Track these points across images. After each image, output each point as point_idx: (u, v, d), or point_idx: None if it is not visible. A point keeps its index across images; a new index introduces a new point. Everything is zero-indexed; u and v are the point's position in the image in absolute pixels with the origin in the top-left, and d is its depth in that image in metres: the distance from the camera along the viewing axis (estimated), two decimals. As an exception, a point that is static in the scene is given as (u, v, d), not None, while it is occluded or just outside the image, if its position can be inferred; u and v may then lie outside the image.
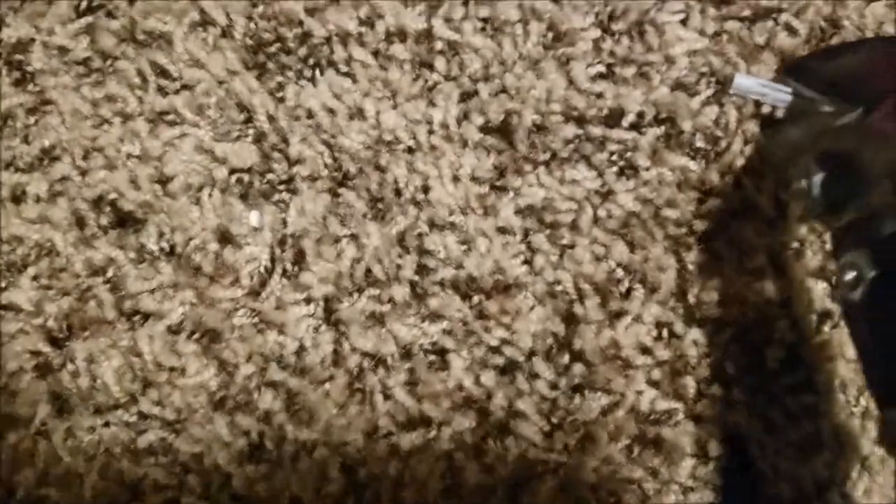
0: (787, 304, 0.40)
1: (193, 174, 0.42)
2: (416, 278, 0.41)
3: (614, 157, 0.42)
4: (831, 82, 0.40)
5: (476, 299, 0.41)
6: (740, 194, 0.41)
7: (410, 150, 0.42)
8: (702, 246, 0.41)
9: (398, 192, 0.42)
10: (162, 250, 0.41)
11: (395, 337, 0.40)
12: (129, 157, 0.42)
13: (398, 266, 0.41)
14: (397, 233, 0.41)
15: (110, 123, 0.42)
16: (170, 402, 0.39)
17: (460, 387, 0.40)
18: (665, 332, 0.40)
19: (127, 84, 0.43)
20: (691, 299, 0.40)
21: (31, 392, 0.40)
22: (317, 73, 0.43)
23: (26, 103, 0.42)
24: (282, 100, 0.43)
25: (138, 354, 0.39)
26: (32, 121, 0.42)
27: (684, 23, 0.44)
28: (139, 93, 0.43)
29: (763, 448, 0.39)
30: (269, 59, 0.43)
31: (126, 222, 0.41)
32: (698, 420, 0.40)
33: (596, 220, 0.41)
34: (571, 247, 0.41)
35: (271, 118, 0.42)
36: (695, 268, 0.41)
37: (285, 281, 0.41)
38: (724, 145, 0.42)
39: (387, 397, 0.40)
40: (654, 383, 0.40)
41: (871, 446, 0.40)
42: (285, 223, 0.41)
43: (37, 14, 0.43)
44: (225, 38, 0.43)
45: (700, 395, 0.40)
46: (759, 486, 0.39)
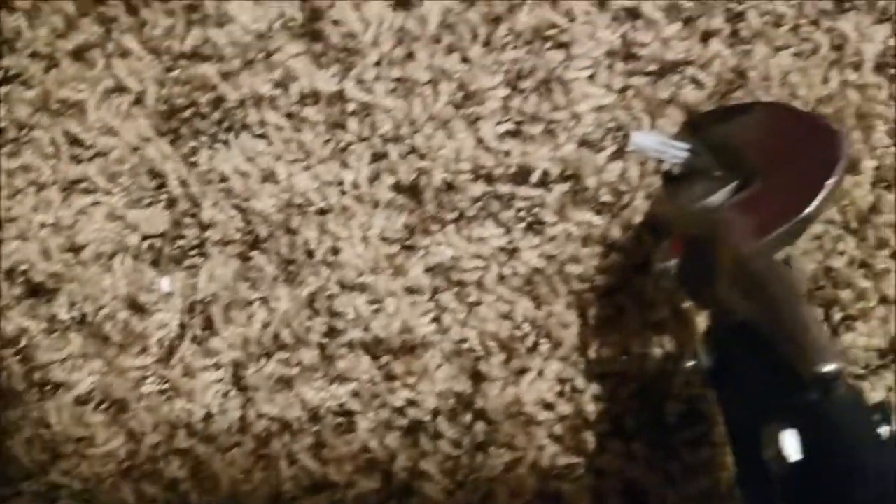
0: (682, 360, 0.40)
1: (106, 242, 0.42)
2: (325, 341, 0.41)
3: (521, 214, 0.42)
4: (720, 146, 0.40)
5: (384, 360, 0.41)
6: (642, 249, 0.41)
7: (322, 211, 0.43)
8: (605, 301, 0.41)
9: (310, 254, 0.42)
10: (73, 319, 0.41)
11: (302, 400, 0.40)
12: (42, 226, 0.42)
13: (307, 329, 0.41)
14: (308, 295, 0.42)
15: (24, 193, 0.43)
16: (78, 472, 0.39)
17: (366, 449, 0.40)
18: (567, 388, 0.40)
19: (41, 153, 0.43)
20: (592, 354, 0.40)
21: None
22: (231, 136, 0.44)
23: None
24: (195, 164, 0.43)
25: (47, 426, 0.40)
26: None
27: (592, 78, 0.44)
28: (52, 161, 0.43)
29: (663, 501, 0.39)
30: (182, 125, 0.44)
31: (38, 292, 0.41)
32: (599, 474, 0.40)
33: (501, 277, 0.42)
34: (478, 304, 0.41)
35: (184, 183, 0.43)
36: (597, 323, 0.41)
37: (195, 347, 0.41)
38: (627, 200, 0.42)
39: (292, 462, 0.40)
40: (555, 438, 0.40)
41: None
42: (196, 288, 0.42)
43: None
44: (138, 105, 0.44)
45: (601, 450, 0.40)
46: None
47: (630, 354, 0.41)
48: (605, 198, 0.42)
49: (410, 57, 0.44)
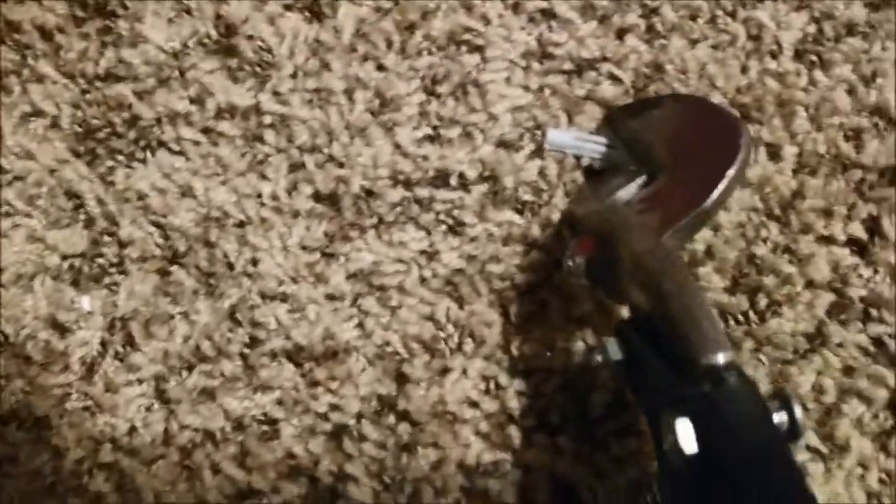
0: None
1: (26, 264, 0.52)
2: (247, 351, 0.50)
3: (441, 217, 0.52)
4: (633, 140, 0.50)
5: (307, 367, 0.50)
6: (562, 245, 0.50)
7: (241, 223, 0.52)
8: (527, 298, 0.50)
9: (230, 266, 0.51)
10: (-6, 342, 0.50)
11: (225, 411, 0.49)
12: (-39, 252, 0.52)
13: (229, 340, 0.50)
14: (229, 306, 0.51)
15: (-58, 221, 0.52)
16: (5, 493, 0.48)
17: (290, 455, 0.49)
18: (492, 385, 0.49)
19: (-42, 180, 0.53)
20: (515, 351, 0.50)
21: None
22: (147, 154, 0.53)
23: None
24: (112, 184, 0.53)
25: (-30, 446, 0.49)
26: None
27: (508, 80, 0.54)
28: (-30, 187, 0.53)
29: (595, 494, 0.48)
30: (98, 145, 0.53)
31: (-41, 316, 0.51)
32: (526, 469, 0.48)
33: (423, 279, 0.51)
34: (400, 307, 0.51)
35: (101, 202, 0.52)
36: (520, 320, 0.50)
37: (117, 363, 0.50)
38: (547, 198, 0.52)
39: (216, 472, 0.48)
40: (481, 435, 0.49)
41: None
42: (116, 305, 0.51)
43: None
44: (54, 129, 0.54)
45: (527, 445, 0.49)
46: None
47: (554, 349, 0.50)
48: (524, 197, 0.52)
49: (326, 67, 0.54)
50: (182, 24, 0.54)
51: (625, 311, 0.49)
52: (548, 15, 0.55)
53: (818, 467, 0.47)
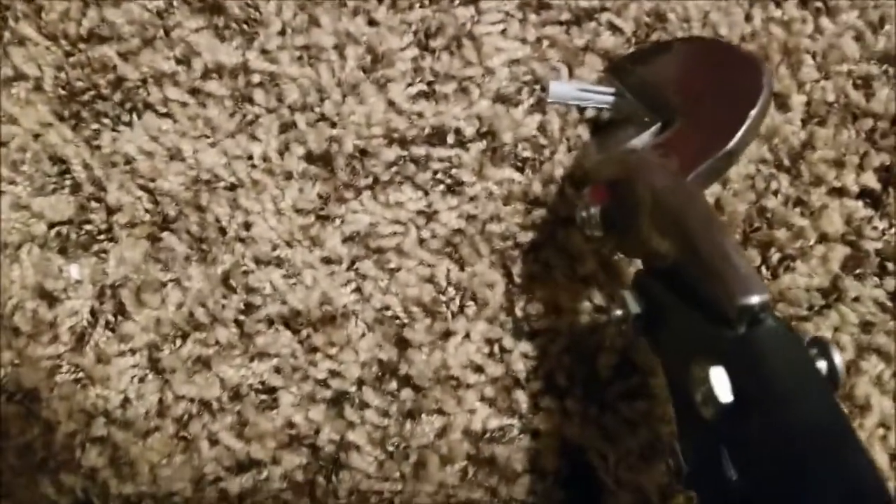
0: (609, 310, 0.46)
1: (12, 232, 0.49)
2: (241, 318, 0.48)
3: (439, 176, 0.49)
4: (643, 87, 0.48)
5: (304, 333, 0.48)
6: (565, 202, 0.48)
7: (232, 186, 0.50)
8: (530, 257, 0.48)
9: (222, 231, 0.49)
10: (-19, 312, 0.48)
11: (221, 380, 0.47)
12: (-55, 221, 0.49)
13: (223, 307, 0.48)
14: (222, 272, 0.48)
15: (-75, 189, 0.50)
16: (-6, 467, 0.46)
17: (290, 424, 0.46)
18: (496, 348, 0.47)
19: (-61, 147, 0.50)
20: (519, 313, 0.47)
21: None
22: (134, 117, 0.51)
23: None
24: (98, 148, 0.50)
25: (-41, 421, 0.46)
26: None
27: (504, 32, 0.52)
28: (-48, 155, 0.50)
29: (605, 458, 0.46)
30: (83, 108, 0.51)
31: (-56, 288, 0.49)
32: (534, 435, 0.46)
33: (421, 241, 0.49)
34: (399, 270, 0.48)
35: (87, 167, 0.50)
36: (523, 280, 0.48)
37: (108, 333, 0.48)
38: (548, 154, 0.49)
39: (213, 443, 0.46)
40: (486, 400, 0.47)
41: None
42: (106, 273, 0.49)
43: None
44: (37, 92, 0.51)
45: (534, 409, 0.47)
46: (600, 497, 0.45)
47: (559, 310, 0.48)
48: (524, 153, 0.50)
49: (315, 23, 0.51)
50: (166, -20, 0.51)
51: (631, 270, 0.47)
52: (544, -37, 0.52)
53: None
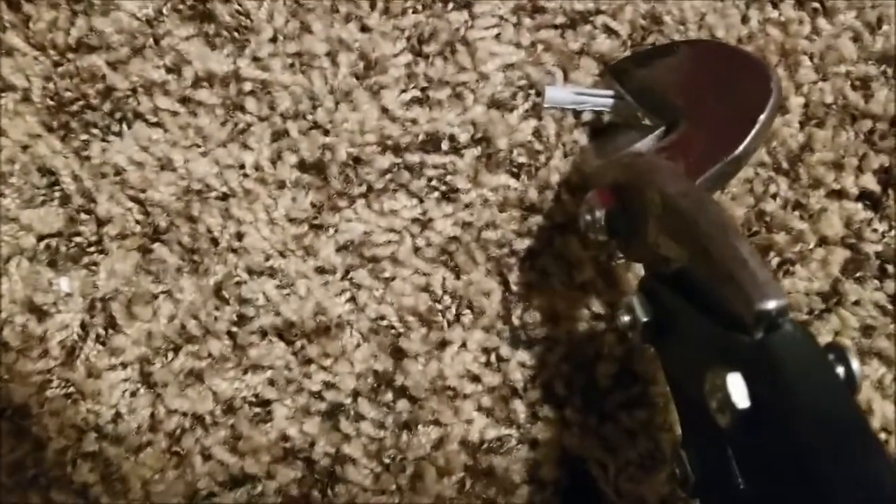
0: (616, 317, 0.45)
1: (1, 245, 0.48)
2: (234, 329, 0.47)
3: (434, 183, 0.48)
4: (644, 90, 0.46)
5: (298, 344, 0.46)
6: (562, 209, 0.47)
7: (224, 196, 0.48)
8: (526, 265, 0.47)
9: (214, 242, 0.48)
10: (-31, 328, 0.47)
11: (214, 393, 0.46)
12: (-67, 234, 0.48)
13: (215, 318, 0.46)
14: (215, 283, 0.47)
15: (-89, 202, 0.49)
16: (-16, 484, 0.45)
17: (285, 437, 0.45)
18: (493, 357, 0.46)
19: (-74, 160, 0.49)
20: (516, 321, 0.46)
21: None
22: (124, 126, 0.49)
23: None
24: (87, 158, 0.49)
25: (-53, 439, 0.45)
26: None
27: (498, 36, 0.50)
28: (-61, 167, 0.49)
29: (605, 468, 0.44)
30: (72, 118, 0.49)
31: (-67, 303, 0.47)
32: (533, 445, 0.45)
33: (416, 249, 0.47)
34: (393, 279, 0.47)
35: (76, 178, 0.48)
36: (520, 288, 0.47)
37: (98, 346, 0.46)
38: (544, 160, 0.48)
39: (206, 457, 0.45)
40: (484, 410, 0.45)
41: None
42: (96, 286, 0.47)
43: None
44: (25, 103, 0.50)
45: (532, 419, 0.45)
46: (601, 507, 0.44)
47: (557, 318, 0.47)
48: (520, 159, 0.48)
49: (307, 30, 0.49)
50: (155, -12, 0.50)
51: (630, 276, 0.46)
52: (538, -33, 0.50)
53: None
